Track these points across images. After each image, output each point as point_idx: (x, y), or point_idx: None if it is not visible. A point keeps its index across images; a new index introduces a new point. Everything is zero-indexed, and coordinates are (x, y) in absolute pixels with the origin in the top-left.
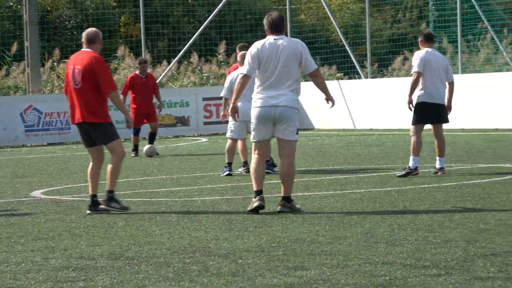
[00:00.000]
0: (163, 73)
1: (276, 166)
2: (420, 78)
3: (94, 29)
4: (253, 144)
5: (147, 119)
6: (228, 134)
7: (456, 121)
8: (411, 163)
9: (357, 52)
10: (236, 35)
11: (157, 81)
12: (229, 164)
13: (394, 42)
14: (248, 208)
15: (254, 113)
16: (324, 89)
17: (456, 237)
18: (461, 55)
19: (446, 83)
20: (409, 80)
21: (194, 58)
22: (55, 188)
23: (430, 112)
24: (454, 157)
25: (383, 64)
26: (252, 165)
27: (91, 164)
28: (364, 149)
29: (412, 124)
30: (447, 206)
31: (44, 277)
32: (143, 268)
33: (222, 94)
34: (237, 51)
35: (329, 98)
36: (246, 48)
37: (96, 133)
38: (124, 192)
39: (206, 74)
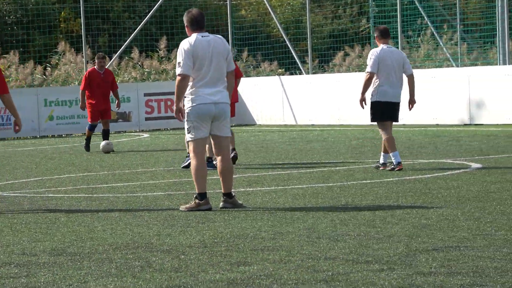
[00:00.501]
0: None
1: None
2: (375, 76)
3: None
4: (192, 143)
5: (103, 116)
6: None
7: None
8: (393, 159)
9: (298, 48)
10: (177, 31)
11: None
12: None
13: (335, 37)
14: (186, 209)
15: (194, 111)
16: (231, 91)
17: (398, 232)
18: (401, 51)
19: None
20: (350, 76)
21: (135, 53)
22: None
23: (383, 110)
24: None
25: (324, 60)
26: (194, 166)
27: None
28: (306, 144)
29: (374, 121)
30: (389, 202)
31: None
32: (86, 264)
33: None
34: None
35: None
36: None
37: None
38: (66, 188)
39: (147, 70)
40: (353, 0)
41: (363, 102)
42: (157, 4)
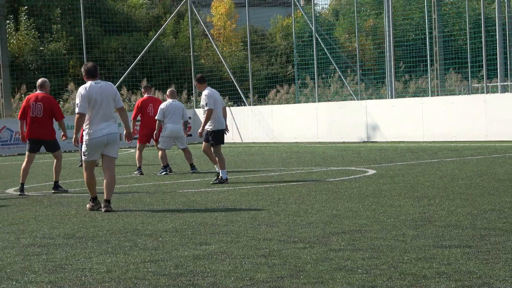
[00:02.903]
0: None
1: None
2: (214, 112)
3: None
4: (86, 162)
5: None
6: (160, 145)
7: (315, 136)
8: (222, 175)
9: (243, 87)
10: (154, 74)
11: None
12: (164, 166)
13: (269, 79)
14: (88, 209)
15: (90, 142)
16: (126, 122)
17: (317, 220)
18: (317, 89)
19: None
20: (280, 107)
21: (124, 91)
22: (24, 186)
23: (222, 136)
24: (314, 163)
25: (261, 95)
26: (86, 177)
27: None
28: (249, 156)
29: (213, 146)
30: (309, 198)
31: (17, 252)
32: (90, 244)
33: (156, 118)
34: (146, 91)
35: (127, 134)
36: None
37: None
38: (74, 189)
39: (133, 102)
40: (282, 52)
41: (201, 133)
42: (139, 55)
